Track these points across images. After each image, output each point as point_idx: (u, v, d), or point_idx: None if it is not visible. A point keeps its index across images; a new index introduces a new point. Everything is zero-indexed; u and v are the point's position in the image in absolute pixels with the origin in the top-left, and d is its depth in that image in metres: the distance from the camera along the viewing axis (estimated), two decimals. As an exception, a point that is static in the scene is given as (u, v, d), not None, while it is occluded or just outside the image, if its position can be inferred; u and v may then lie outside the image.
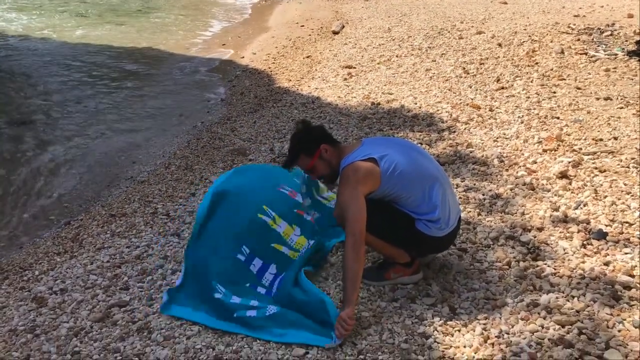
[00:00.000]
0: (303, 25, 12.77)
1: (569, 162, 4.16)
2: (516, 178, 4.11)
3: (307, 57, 9.64)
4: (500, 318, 2.67)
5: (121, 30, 13.44)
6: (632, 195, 3.62)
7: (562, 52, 7.12)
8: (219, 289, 2.88)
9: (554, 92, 5.81)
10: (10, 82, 9.18)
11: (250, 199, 3.25)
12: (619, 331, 2.49)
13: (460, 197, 3.93)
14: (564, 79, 6.21)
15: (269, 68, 9.28)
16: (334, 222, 3.03)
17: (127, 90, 8.93)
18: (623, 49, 7.15)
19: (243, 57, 10.49)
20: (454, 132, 5.14)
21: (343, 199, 2.72)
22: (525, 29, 8.38)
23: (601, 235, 3.22)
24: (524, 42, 7.71)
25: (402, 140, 3.00)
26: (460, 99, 5.98)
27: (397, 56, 8.39)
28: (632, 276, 2.85)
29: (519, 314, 2.68)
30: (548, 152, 4.44)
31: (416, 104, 6.10)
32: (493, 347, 2.49)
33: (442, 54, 8.01)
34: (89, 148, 6.59)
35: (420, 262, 3.07)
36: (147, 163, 5.77)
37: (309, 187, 3.37)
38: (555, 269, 3.00)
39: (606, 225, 3.33)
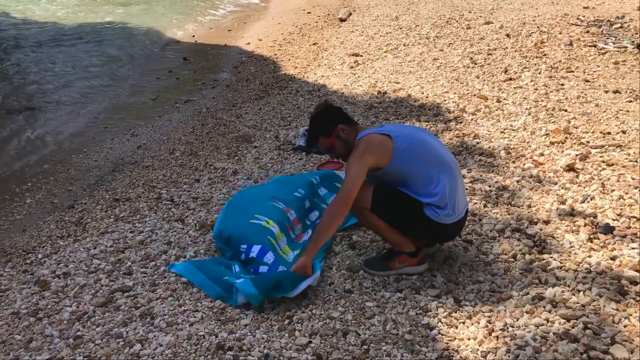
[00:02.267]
0: (310, 12, 12.69)
1: (577, 155, 4.13)
2: (523, 170, 4.08)
3: (314, 44, 9.58)
4: (505, 311, 2.66)
5: (124, 12, 13.38)
6: (640, 190, 3.59)
7: (571, 44, 7.06)
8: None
9: (562, 85, 5.76)
10: (7, 67, 9.14)
11: (245, 210, 3.40)
12: (625, 326, 2.48)
13: (466, 189, 3.88)
14: (572, 71, 6.16)
15: (275, 55, 9.23)
16: None
17: (131, 76, 8.89)
18: (633, 41, 7.07)
19: (249, 44, 10.42)
20: (461, 122, 5.10)
21: (348, 164, 2.85)
22: (534, 20, 8.29)
23: (608, 230, 3.19)
24: (532, 33, 7.63)
25: (420, 127, 3.10)
26: (468, 90, 5.93)
27: (404, 45, 8.33)
28: (639, 271, 2.83)
29: (524, 307, 2.66)
30: (555, 144, 4.40)
31: (423, 93, 6.05)
32: (497, 340, 2.47)
33: (450, 43, 7.94)
34: (92, 132, 6.58)
35: (425, 253, 3.05)
36: (152, 148, 5.75)
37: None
38: (561, 263, 2.98)
39: (613, 220, 3.31)
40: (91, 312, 2.86)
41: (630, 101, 5.16)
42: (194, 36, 11.63)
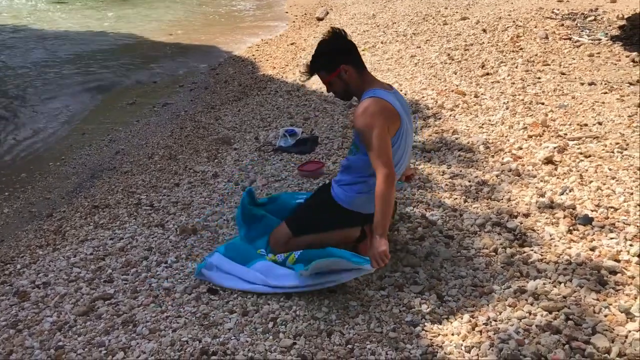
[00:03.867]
0: (287, 12, 12.67)
1: (555, 148, 4.16)
2: (502, 164, 4.11)
3: (292, 44, 9.57)
4: (487, 305, 2.67)
5: (99, 17, 13.25)
6: (617, 180, 3.63)
7: (547, 38, 7.12)
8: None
9: (539, 78, 5.81)
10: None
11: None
12: (605, 316, 2.50)
13: (446, 184, 3.92)
14: (549, 65, 6.21)
15: (253, 55, 9.20)
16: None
17: (107, 79, 8.81)
18: (606, 34, 7.16)
19: (228, 45, 10.38)
20: (440, 118, 5.12)
21: (363, 132, 2.71)
22: (509, 15, 8.36)
23: (587, 221, 3.22)
24: (508, 27, 7.69)
25: (411, 122, 3.03)
26: (446, 86, 5.96)
27: (381, 42, 8.35)
28: (618, 261, 2.86)
29: (506, 300, 2.68)
30: (533, 137, 4.44)
31: (401, 90, 6.06)
32: (481, 335, 2.48)
33: (427, 40, 7.97)
34: (69, 138, 6.50)
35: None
36: (130, 153, 5.69)
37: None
38: (541, 255, 3.00)
39: (592, 211, 3.34)
40: (72, 322, 2.82)
41: (606, 93, 5.21)
42: (171, 35, 11.55)
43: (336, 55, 2.86)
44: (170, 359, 2.50)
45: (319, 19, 11.35)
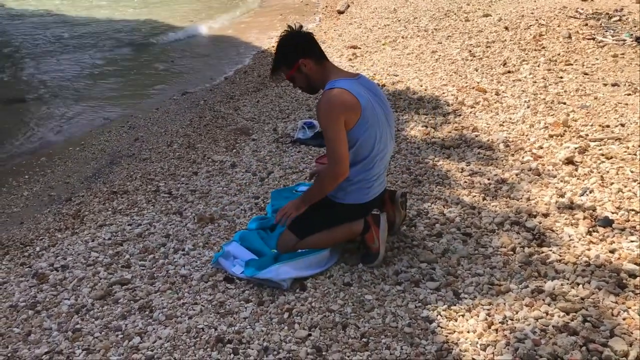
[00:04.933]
0: (307, 4, 12.64)
1: (575, 148, 4.12)
2: (522, 163, 4.07)
3: (311, 36, 9.55)
4: (504, 304, 2.65)
5: (124, 3, 13.32)
6: (639, 183, 3.58)
7: (570, 37, 7.04)
8: None
9: (561, 77, 5.75)
10: (3, 57, 9.10)
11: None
12: (624, 319, 2.47)
13: (465, 182, 3.90)
14: (571, 64, 6.14)
15: (273, 47, 9.18)
16: None
17: (128, 66, 8.86)
18: (631, 34, 7.06)
19: (249, 36, 10.39)
20: (460, 115, 5.09)
21: (327, 129, 2.78)
22: (532, 13, 8.27)
23: (607, 223, 3.19)
24: (531, 25, 7.61)
25: (386, 104, 3.02)
26: (466, 82, 5.92)
27: (402, 37, 8.31)
28: (638, 264, 2.82)
29: (523, 300, 2.66)
30: (554, 137, 4.40)
31: (422, 86, 6.04)
32: (497, 333, 2.47)
33: (448, 36, 7.92)
34: (89, 124, 6.55)
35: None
36: (149, 141, 5.73)
37: None
38: (560, 256, 2.97)
39: (612, 213, 3.30)
40: (90, 305, 2.85)
41: (629, 94, 5.15)
42: (191, 20, 11.60)
43: (293, 50, 2.91)
44: (185, 346, 2.51)
45: (340, 12, 11.31)
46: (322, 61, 2.93)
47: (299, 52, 2.90)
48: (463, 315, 2.61)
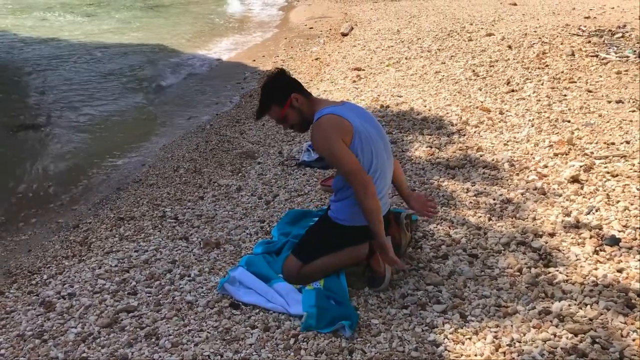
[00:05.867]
0: (312, 27, 12.76)
1: (581, 167, 4.11)
2: (527, 182, 4.07)
3: (316, 59, 9.63)
4: (511, 326, 2.63)
5: (126, 27, 13.50)
6: (646, 201, 3.57)
7: (573, 55, 7.07)
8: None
9: (565, 95, 5.76)
10: (12, 84, 9.22)
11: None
12: (633, 340, 2.45)
13: (470, 202, 3.89)
14: (575, 82, 6.16)
15: (278, 70, 9.26)
16: None
17: (134, 91, 8.95)
18: (634, 51, 7.08)
19: (254, 60, 10.48)
20: (464, 135, 5.10)
21: (326, 152, 2.80)
22: (535, 31, 8.32)
23: (614, 242, 3.17)
24: (534, 44, 7.65)
25: (378, 126, 3.04)
26: (470, 102, 5.94)
27: (406, 58, 8.36)
28: (646, 283, 2.81)
29: (530, 321, 2.64)
30: (559, 156, 4.39)
31: (425, 106, 6.06)
32: (505, 356, 2.45)
33: (452, 56, 7.96)
34: (96, 150, 6.60)
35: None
36: (156, 166, 5.76)
37: None
38: (567, 276, 2.96)
39: (619, 231, 3.29)
40: (96, 333, 2.85)
41: (634, 111, 5.15)
42: (198, 47, 11.74)
43: (285, 86, 2.97)
44: (192, 373, 2.51)
45: (344, 35, 11.40)
46: (309, 95, 3.01)
47: (290, 87, 2.97)
48: (470, 338, 2.59)
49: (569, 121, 5.06)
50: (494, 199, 3.89)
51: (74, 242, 4.21)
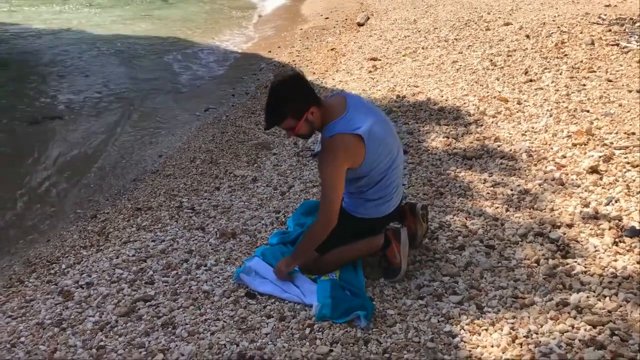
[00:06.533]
0: (327, 18, 12.70)
1: (600, 157, 4.06)
2: (545, 173, 4.02)
3: (332, 49, 9.58)
4: (528, 317, 2.61)
5: (144, 20, 13.54)
6: (666, 192, 3.51)
7: (593, 44, 6.95)
8: None
9: (584, 85, 5.68)
10: (31, 75, 9.29)
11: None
12: (653, 332, 2.42)
13: (487, 193, 3.86)
14: (594, 71, 6.06)
15: (294, 61, 9.24)
16: None
17: (151, 82, 8.98)
18: (656, 39, 6.95)
19: (270, 51, 10.47)
20: (481, 125, 5.05)
21: (325, 175, 2.77)
22: (554, 20, 8.19)
23: (634, 233, 3.13)
24: (552, 33, 7.54)
25: (381, 115, 3.01)
26: (488, 92, 5.88)
27: (423, 48, 8.29)
28: (667, 275, 2.77)
29: (548, 313, 2.62)
30: (578, 146, 4.34)
31: (442, 96, 6.01)
32: (521, 347, 2.44)
33: (469, 45, 7.88)
34: (114, 141, 6.64)
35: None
36: (173, 157, 5.79)
37: None
38: (585, 267, 2.92)
39: (639, 223, 3.24)
40: (114, 322, 2.88)
41: (655, 100, 5.06)
42: (213, 38, 11.74)
43: (305, 100, 2.75)
44: (208, 362, 2.52)
45: (360, 25, 11.32)
46: (322, 105, 2.82)
47: (309, 100, 2.75)
48: (486, 330, 2.58)
49: (588, 111, 4.99)
50: (511, 190, 3.86)
51: (92, 232, 4.25)
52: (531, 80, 6.01)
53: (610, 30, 7.38)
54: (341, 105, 2.84)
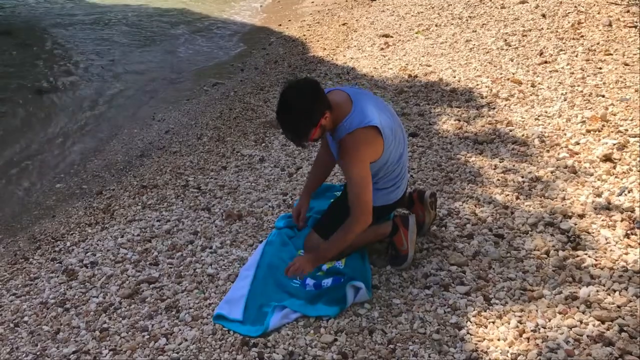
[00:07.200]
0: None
1: (614, 145, 3.97)
2: (557, 160, 3.95)
3: (343, 24, 9.43)
4: (536, 311, 2.57)
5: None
6: (681, 183, 3.44)
7: (610, 25, 6.79)
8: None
9: (600, 68, 5.55)
10: (39, 45, 9.22)
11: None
12: (663, 330, 2.38)
13: (498, 179, 3.79)
14: (611, 54, 5.92)
15: (304, 36, 9.11)
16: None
17: (160, 56, 8.90)
18: (676, 22, 6.78)
19: (280, 25, 10.33)
20: (494, 108, 4.96)
21: (354, 175, 2.66)
22: (571, -1, 8.01)
23: (647, 225, 3.07)
24: (569, 13, 7.37)
25: (382, 102, 2.94)
26: (501, 73, 5.76)
27: (436, 25, 8.14)
28: (679, 271, 2.72)
29: (556, 307, 2.58)
30: (592, 132, 4.25)
31: (455, 77, 5.91)
32: (528, 342, 2.40)
33: (483, 24, 7.72)
34: (120, 116, 6.60)
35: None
36: (179, 133, 5.74)
37: None
38: (596, 260, 2.87)
39: (652, 214, 3.18)
40: (117, 304, 2.88)
41: (673, 86, 4.94)
42: (223, 11, 11.61)
43: (322, 106, 2.62)
44: (211, 348, 2.51)
45: (372, -1, 11.14)
46: (332, 106, 2.69)
47: (323, 106, 2.63)
48: (493, 322, 2.55)
49: (603, 96, 4.88)
50: (522, 177, 3.79)
51: (97, 209, 4.22)
52: (546, 62, 5.89)
53: (628, 11, 7.20)
54: (346, 100, 2.73)
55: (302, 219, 3.25)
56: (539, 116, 4.66)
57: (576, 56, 5.91)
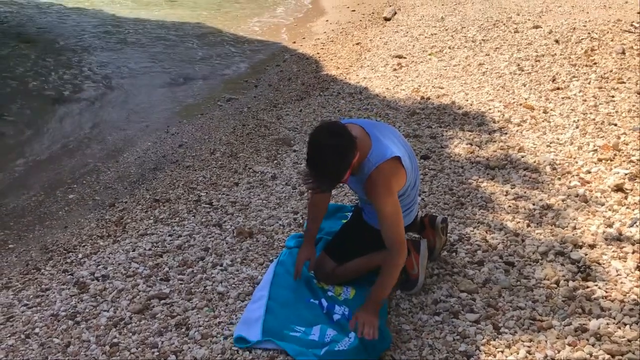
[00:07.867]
0: (354, 10, 12.59)
1: (626, 174, 3.98)
2: (569, 188, 3.95)
3: (357, 44, 9.50)
4: (546, 341, 2.57)
5: (174, 8, 13.53)
6: (693, 216, 3.44)
7: (623, 53, 6.81)
8: (297, 329, 2.74)
9: (613, 96, 5.57)
10: (56, 54, 9.34)
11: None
12: (673, 366, 2.37)
13: (509, 206, 3.80)
14: (624, 82, 5.94)
15: (318, 54, 9.19)
16: None
17: (175, 70, 8.98)
18: (689, 52, 6.79)
19: (294, 42, 10.42)
20: (506, 133, 4.98)
21: (386, 212, 2.61)
22: (584, 25, 8.04)
23: (658, 258, 3.07)
24: (582, 39, 7.40)
25: (393, 129, 2.96)
26: (514, 98, 5.79)
27: (449, 47, 8.19)
28: (690, 306, 2.71)
29: (566, 338, 2.57)
30: (603, 161, 4.25)
31: (467, 100, 5.94)
32: (537, 373, 2.40)
33: (497, 47, 7.76)
34: (134, 128, 6.67)
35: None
36: (193, 147, 5.79)
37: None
38: (606, 292, 2.87)
39: (663, 248, 3.17)
40: (128, 319, 2.89)
41: (685, 117, 4.95)
42: (238, 27, 11.73)
43: (352, 151, 2.53)
44: (220, 367, 2.52)
45: (386, 19, 11.21)
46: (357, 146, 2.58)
47: (354, 149, 2.54)
48: (502, 352, 2.54)
49: (615, 124, 4.89)
50: (533, 204, 3.80)
51: (110, 221, 4.26)
52: (558, 88, 5.91)
53: (642, 40, 7.22)
54: (364, 135, 2.68)
55: (310, 268, 3.12)
56: (550, 143, 4.67)
57: (589, 83, 5.94)
